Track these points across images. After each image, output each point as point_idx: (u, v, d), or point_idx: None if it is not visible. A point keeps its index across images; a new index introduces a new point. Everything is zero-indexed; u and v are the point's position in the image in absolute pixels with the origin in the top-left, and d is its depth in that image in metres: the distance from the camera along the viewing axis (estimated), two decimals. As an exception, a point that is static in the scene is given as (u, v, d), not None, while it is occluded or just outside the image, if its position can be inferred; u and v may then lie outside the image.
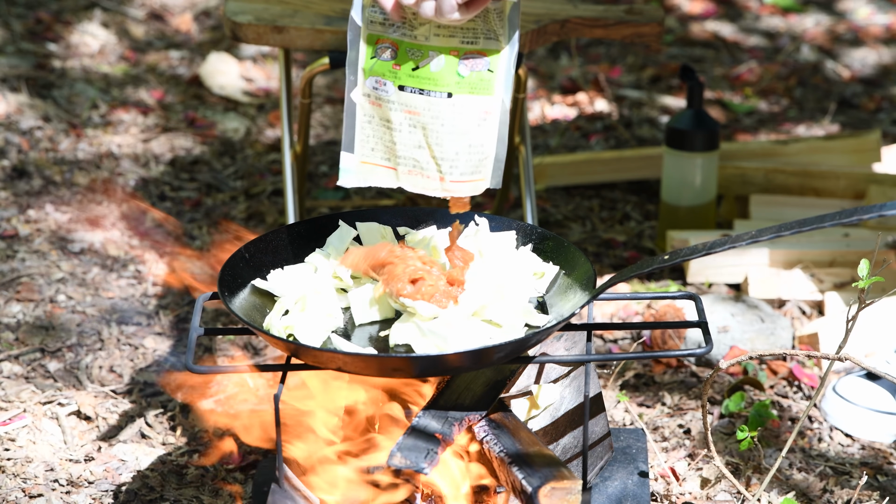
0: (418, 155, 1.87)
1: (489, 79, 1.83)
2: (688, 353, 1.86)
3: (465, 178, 1.87)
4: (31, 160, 3.53)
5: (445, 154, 1.86)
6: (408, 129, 1.87)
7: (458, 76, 1.83)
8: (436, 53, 1.83)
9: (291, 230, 2.05)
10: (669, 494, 2.32)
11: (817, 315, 2.89)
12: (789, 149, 3.47)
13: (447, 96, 1.83)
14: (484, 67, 1.83)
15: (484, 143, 1.85)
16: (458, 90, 1.83)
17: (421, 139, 1.86)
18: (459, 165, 1.86)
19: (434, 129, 1.85)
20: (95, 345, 2.75)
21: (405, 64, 1.84)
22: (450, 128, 1.84)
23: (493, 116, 1.84)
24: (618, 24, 2.71)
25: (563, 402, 2.05)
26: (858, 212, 1.73)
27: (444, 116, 1.84)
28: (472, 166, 1.86)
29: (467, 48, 1.83)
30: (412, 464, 1.81)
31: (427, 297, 1.87)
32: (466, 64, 1.83)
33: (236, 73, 4.14)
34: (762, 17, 4.76)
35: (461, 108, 1.83)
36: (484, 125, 1.84)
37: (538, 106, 4.04)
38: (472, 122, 1.84)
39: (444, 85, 1.83)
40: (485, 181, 1.87)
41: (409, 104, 1.85)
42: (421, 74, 1.84)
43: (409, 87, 1.85)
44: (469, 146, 1.85)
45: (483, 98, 1.83)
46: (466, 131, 1.84)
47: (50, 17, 4.40)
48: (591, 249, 3.20)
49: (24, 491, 2.31)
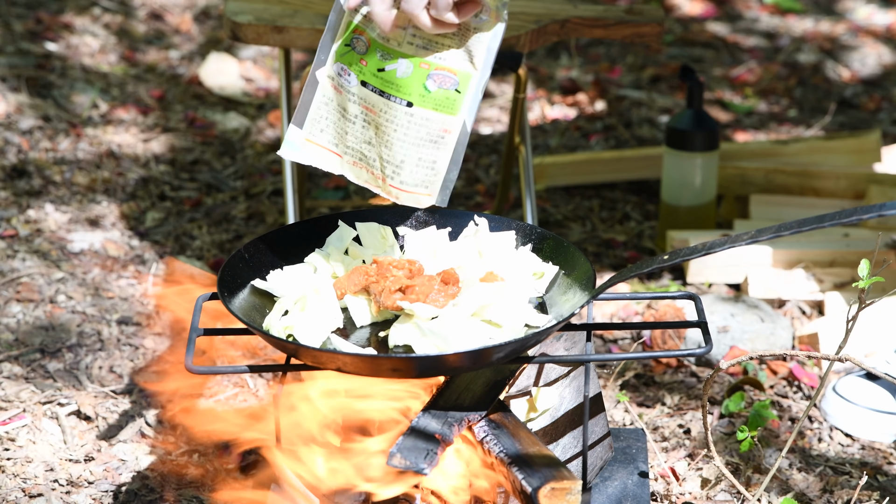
0: (367, 150, 1.87)
1: (455, 98, 1.82)
2: (688, 353, 1.86)
3: (406, 188, 1.87)
4: (31, 160, 3.52)
5: (392, 158, 1.86)
6: (361, 124, 1.87)
7: (423, 89, 1.82)
8: (406, 61, 1.83)
9: (291, 230, 2.05)
10: (669, 494, 2.32)
11: (817, 315, 2.89)
12: (789, 149, 3.47)
13: (406, 105, 1.83)
14: (452, 86, 1.82)
15: (437, 161, 1.85)
16: (421, 103, 1.83)
17: (372, 136, 1.86)
18: (402, 174, 1.86)
19: (386, 132, 1.85)
20: (95, 345, 2.75)
21: (372, 62, 1.84)
22: (401, 135, 1.84)
23: (451, 136, 1.84)
24: (618, 24, 2.71)
25: (563, 402, 2.05)
26: (858, 212, 1.73)
27: (398, 122, 1.84)
28: (417, 178, 1.86)
29: (438, 64, 1.83)
30: (412, 464, 1.81)
31: (423, 298, 1.88)
32: (435, 79, 1.82)
33: (236, 73, 4.14)
34: (762, 18, 4.76)
35: (419, 120, 1.83)
36: (440, 143, 1.84)
37: (538, 106, 4.04)
38: (427, 137, 1.83)
39: (406, 93, 1.83)
40: (430, 197, 1.87)
41: (368, 101, 1.85)
42: (385, 77, 1.83)
43: (371, 85, 1.85)
44: (418, 159, 1.85)
45: (445, 116, 1.83)
46: (418, 144, 1.84)
47: (50, 17, 4.40)
48: (591, 249, 3.20)
49: (24, 491, 2.31)
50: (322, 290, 1.92)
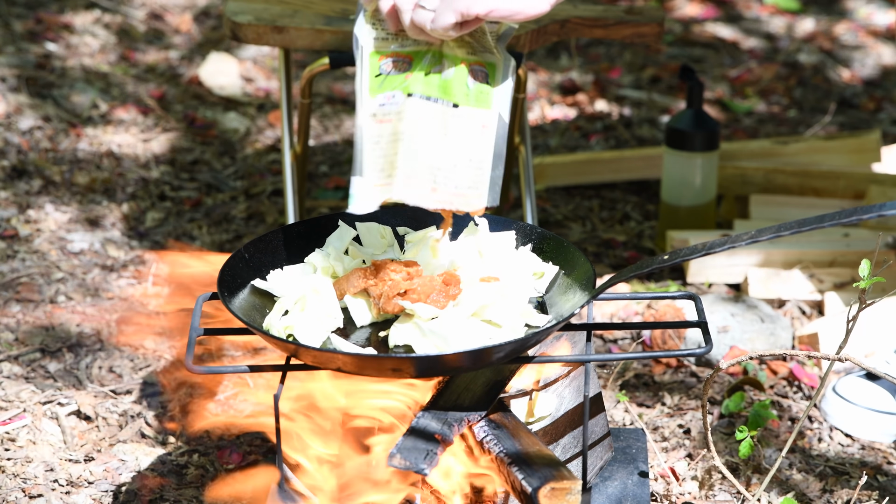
0: (416, 164, 1.85)
1: (487, 91, 1.82)
2: (688, 353, 1.85)
3: (460, 191, 1.85)
4: (30, 160, 3.53)
5: (444, 164, 1.84)
6: (408, 138, 1.85)
7: (466, 87, 1.82)
8: (448, 60, 1.83)
9: (291, 230, 2.05)
10: (669, 494, 2.32)
11: (817, 315, 2.89)
12: (789, 149, 3.47)
13: (453, 106, 1.83)
14: (484, 79, 1.82)
15: (482, 159, 1.84)
16: (465, 101, 1.82)
17: (421, 147, 1.85)
18: (455, 178, 1.84)
19: (436, 139, 1.84)
20: (95, 345, 2.75)
21: (417, 71, 1.83)
22: (452, 138, 1.83)
23: (489, 131, 1.83)
24: (618, 24, 2.71)
25: (563, 402, 2.05)
26: (858, 212, 1.73)
27: (448, 126, 1.83)
28: (468, 180, 1.85)
29: (472, 59, 1.83)
30: (412, 465, 1.81)
31: (424, 298, 1.87)
32: (472, 74, 1.83)
33: (236, 73, 4.14)
34: (762, 18, 4.76)
35: (465, 119, 1.82)
36: (481, 140, 1.83)
37: (538, 106, 4.04)
38: (472, 135, 1.83)
39: (452, 95, 1.82)
40: (481, 198, 1.85)
41: (416, 110, 1.84)
42: (432, 81, 1.83)
43: (418, 93, 1.84)
44: (468, 160, 1.84)
45: (482, 111, 1.83)
46: (467, 144, 1.83)
47: (50, 17, 4.40)
48: (591, 249, 3.20)
49: (24, 491, 2.31)
50: (322, 290, 1.92)
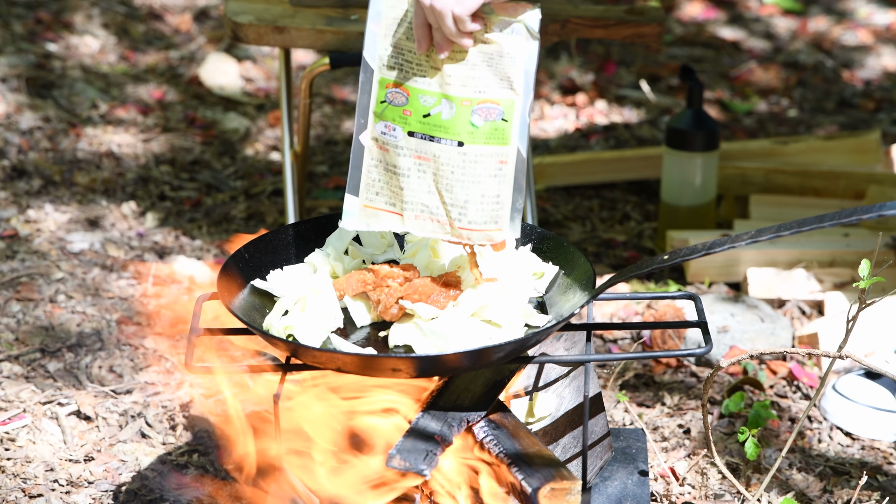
0: (427, 200, 1.85)
1: (503, 128, 1.81)
2: (688, 353, 1.86)
3: (475, 227, 1.85)
4: (30, 160, 3.52)
5: (455, 201, 1.84)
6: (416, 175, 1.85)
7: (471, 126, 1.81)
8: (447, 102, 1.82)
9: (291, 230, 2.05)
10: (669, 494, 2.32)
11: (817, 315, 2.89)
12: (789, 149, 3.47)
13: (458, 145, 1.82)
14: (498, 117, 1.81)
15: (500, 194, 1.83)
16: (471, 140, 1.81)
17: (431, 184, 1.84)
18: (469, 213, 1.84)
19: (444, 176, 1.84)
20: (95, 345, 2.75)
21: (416, 110, 1.83)
22: (460, 176, 1.83)
23: (509, 167, 1.82)
24: (618, 24, 2.71)
25: (563, 402, 2.05)
26: (858, 212, 1.73)
27: (454, 164, 1.83)
28: (484, 216, 1.84)
29: (479, 98, 1.82)
30: (411, 465, 1.81)
31: (424, 298, 1.87)
32: (480, 114, 1.81)
33: (236, 73, 4.14)
34: (762, 18, 4.76)
35: (473, 157, 1.82)
36: (500, 175, 1.82)
37: (538, 106, 4.04)
38: (486, 172, 1.82)
39: (455, 133, 1.82)
40: (502, 231, 1.86)
41: (419, 150, 1.83)
42: (432, 122, 1.82)
43: (420, 133, 1.84)
44: (481, 196, 1.83)
45: (498, 148, 1.82)
46: (478, 181, 1.83)
47: (50, 17, 4.40)
48: (591, 249, 3.20)
49: (24, 491, 2.31)
50: (322, 290, 1.92)
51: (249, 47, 4.32)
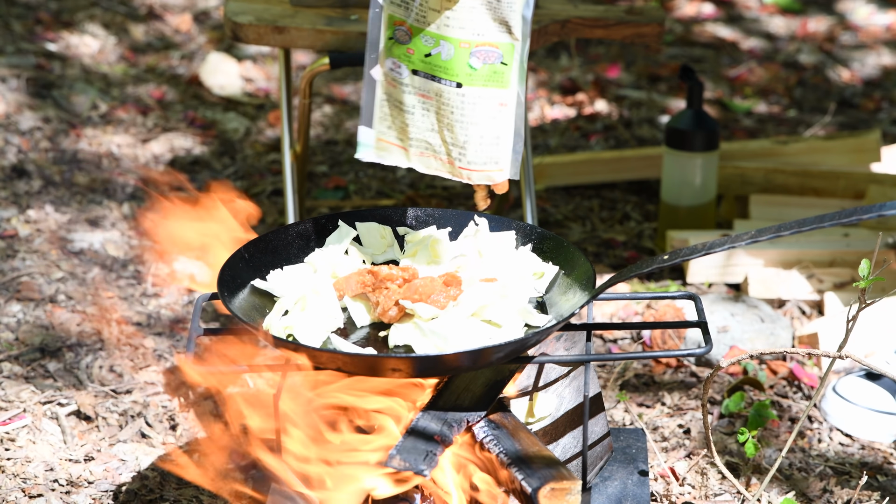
0: (430, 137, 1.88)
1: (503, 71, 1.82)
2: (688, 353, 1.86)
3: (475, 167, 1.87)
4: (30, 160, 3.53)
5: (455, 140, 1.87)
6: (420, 112, 1.87)
7: (469, 68, 1.82)
8: (446, 43, 1.83)
9: (291, 230, 2.05)
10: (669, 494, 2.32)
11: (817, 315, 2.89)
12: (789, 149, 3.47)
13: (456, 86, 1.84)
14: (497, 60, 1.82)
15: (500, 136, 1.85)
16: (469, 82, 1.83)
17: (434, 122, 1.87)
18: (468, 154, 1.86)
19: (445, 115, 1.86)
20: (95, 345, 2.75)
21: (417, 49, 1.84)
22: (458, 116, 1.85)
23: (509, 109, 1.84)
24: (618, 24, 2.71)
25: (563, 402, 2.05)
26: (858, 212, 1.73)
27: (453, 104, 1.85)
28: (484, 156, 1.86)
29: (478, 41, 1.83)
30: (411, 466, 1.81)
31: (425, 298, 1.88)
32: (478, 56, 1.83)
33: (236, 73, 4.14)
34: (762, 18, 4.76)
35: (472, 99, 1.83)
36: (499, 117, 1.84)
37: (538, 106, 4.04)
38: (485, 114, 1.84)
39: (454, 74, 1.83)
40: (503, 172, 1.88)
41: (423, 88, 1.86)
42: (433, 62, 1.84)
43: (422, 72, 1.85)
44: (480, 136, 1.85)
45: (497, 91, 1.83)
46: (476, 122, 1.84)
47: (50, 17, 4.40)
48: (590, 249, 3.20)
49: (23, 491, 2.31)
50: (322, 291, 1.92)
51: (249, 47, 4.32)
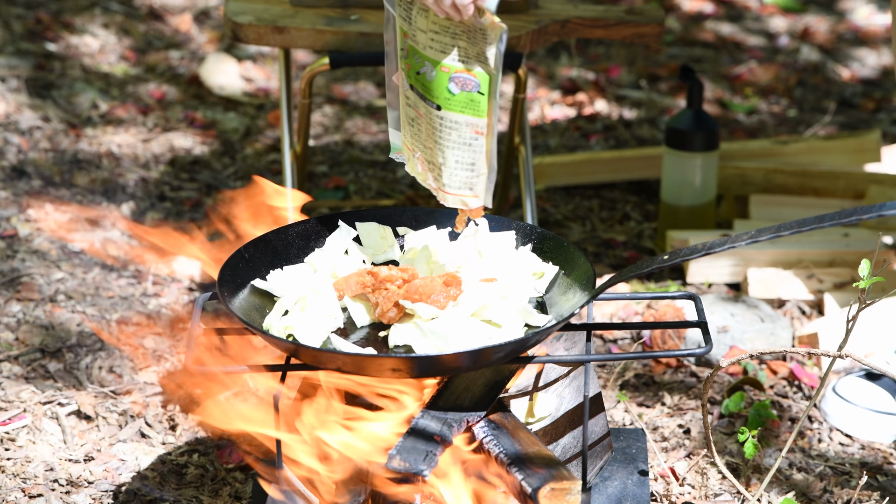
0: (425, 152, 1.88)
1: (480, 100, 1.82)
2: (688, 353, 1.86)
3: (450, 191, 1.87)
4: (30, 160, 3.52)
5: (434, 160, 1.87)
6: (418, 126, 1.88)
7: (448, 92, 1.82)
8: (430, 64, 1.83)
9: (291, 230, 2.05)
10: (669, 494, 2.32)
11: (817, 315, 2.89)
12: (789, 149, 3.47)
13: (437, 108, 1.84)
14: (474, 88, 1.82)
15: (475, 163, 1.85)
16: (447, 106, 1.83)
17: (426, 140, 1.87)
18: (444, 176, 1.87)
19: (429, 135, 1.86)
20: (95, 345, 2.75)
21: (413, 65, 1.85)
22: (437, 138, 1.85)
23: (483, 138, 1.84)
24: (618, 24, 2.71)
25: (563, 402, 2.05)
26: (857, 212, 1.73)
27: (434, 125, 1.85)
28: (458, 181, 1.86)
29: (457, 67, 1.83)
30: (411, 466, 1.81)
31: (425, 298, 1.87)
32: (457, 82, 1.83)
33: (236, 73, 4.14)
34: (762, 17, 4.76)
35: (448, 123, 1.84)
36: (475, 144, 1.84)
37: (538, 106, 4.04)
38: (460, 140, 1.84)
39: (435, 97, 1.84)
40: (478, 199, 1.88)
41: (416, 104, 1.86)
42: (422, 80, 1.84)
43: (416, 88, 1.86)
44: (456, 161, 1.85)
45: (473, 119, 1.83)
46: (452, 147, 1.85)
47: (50, 17, 4.40)
48: (590, 249, 3.20)
49: (23, 491, 2.31)
50: (322, 291, 1.92)
51: (249, 47, 4.32)
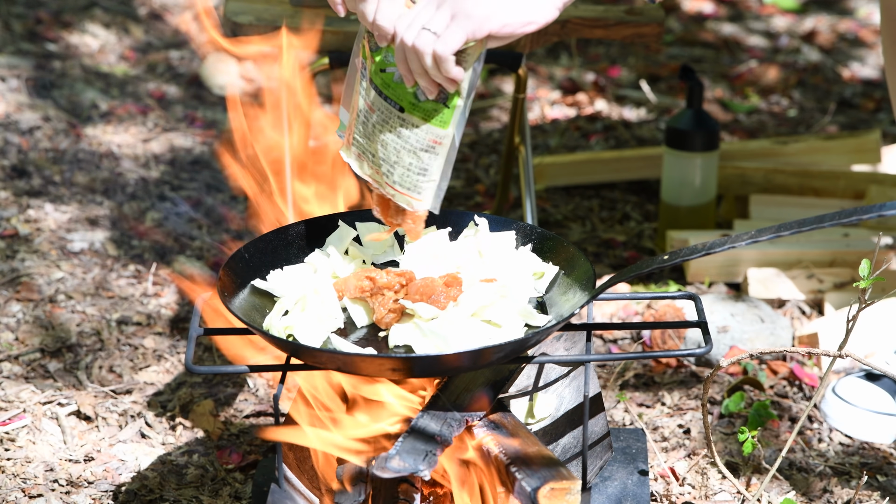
0: (367, 145, 1.88)
1: (444, 112, 1.82)
2: (688, 353, 1.86)
3: (399, 189, 1.87)
4: (30, 160, 3.52)
5: (387, 157, 1.86)
6: (364, 117, 1.88)
7: (414, 98, 1.83)
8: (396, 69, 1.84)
9: (291, 230, 2.05)
10: (669, 494, 2.32)
11: (817, 315, 2.89)
12: (789, 149, 3.47)
13: (399, 109, 1.84)
14: (441, 100, 1.82)
15: (428, 169, 1.85)
16: (411, 111, 1.83)
17: (371, 132, 1.87)
18: (395, 174, 1.87)
19: (382, 131, 1.86)
20: (95, 345, 2.75)
21: (378, 62, 1.84)
22: (394, 137, 1.85)
23: (441, 148, 1.84)
24: (618, 24, 2.71)
25: (563, 402, 2.05)
26: (858, 212, 1.73)
27: (391, 124, 1.85)
28: (409, 182, 1.87)
29: None
30: (410, 466, 1.81)
31: (425, 298, 1.88)
32: (423, 91, 1.82)
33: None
34: (762, 17, 4.76)
35: (409, 126, 1.83)
36: (431, 153, 1.84)
37: (538, 106, 4.04)
38: (419, 144, 1.84)
39: (399, 98, 1.84)
40: (423, 202, 1.88)
41: (370, 99, 1.86)
42: (385, 79, 1.84)
43: (375, 83, 1.85)
44: (409, 163, 1.85)
45: (435, 128, 1.83)
46: (407, 150, 1.85)
47: (50, 17, 4.40)
48: (590, 249, 3.20)
49: (23, 491, 2.31)
50: (322, 291, 1.92)
51: (249, 47, 4.32)
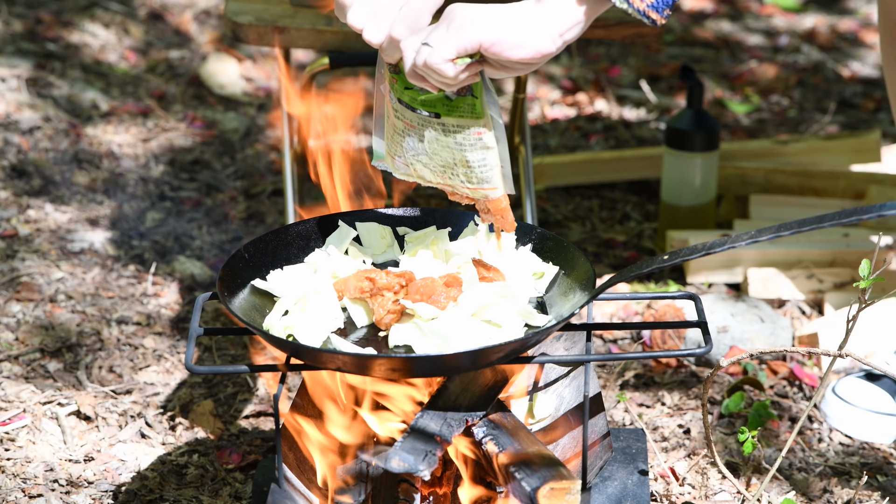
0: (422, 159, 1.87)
1: (474, 102, 1.82)
2: (688, 353, 1.86)
3: (471, 187, 1.87)
4: (30, 160, 3.53)
5: (446, 163, 1.86)
6: (407, 136, 1.87)
7: (445, 99, 1.83)
8: None
9: (291, 230, 2.05)
10: (669, 494, 2.32)
11: (817, 315, 2.89)
12: (789, 149, 3.47)
13: (435, 116, 1.83)
14: (468, 92, 1.82)
15: (485, 158, 1.85)
16: (447, 113, 1.83)
17: (418, 146, 1.87)
18: (460, 176, 1.86)
19: (429, 142, 1.85)
20: (95, 345, 2.75)
21: (401, 79, 1.84)
22: (442, 144, 1.85)
23: (488, 136, 1.84)
24: (618, 24, 2.71)
25: (563, 401, 2.05)
26: (858, 212, 1.73)
27: (433, 133, 1.84)
28: (476, 177, 1.86)
29: None
30: (410, 466, 1.81)
31: (426, 298, 1.88)
32: None
33: (236, 73, 4.14)
34: (762, 17, 4.76)
35: (451, 128, 1.83)
36: (479, 144, 1.84)
37: (538, 106, 4.04)
38: (466, 141, 1.84)
39: (431, 106, 1.83)
40: (497, 189, 1.87)
41: (405, 116, 1.86)
42: (412, 94, 1.84)
43: (404, 101, 1.85)
44: (466, 161, 1.85)
45: (472, 121, 1.83)
46: (460, 149, 1.84)
47: (50, 17, 4.40)
48: (590, 249, 3.20)
49: (23, 491, 2.31)
50: (322, 291, 1.92)
51: (249, 46, 4.32)
